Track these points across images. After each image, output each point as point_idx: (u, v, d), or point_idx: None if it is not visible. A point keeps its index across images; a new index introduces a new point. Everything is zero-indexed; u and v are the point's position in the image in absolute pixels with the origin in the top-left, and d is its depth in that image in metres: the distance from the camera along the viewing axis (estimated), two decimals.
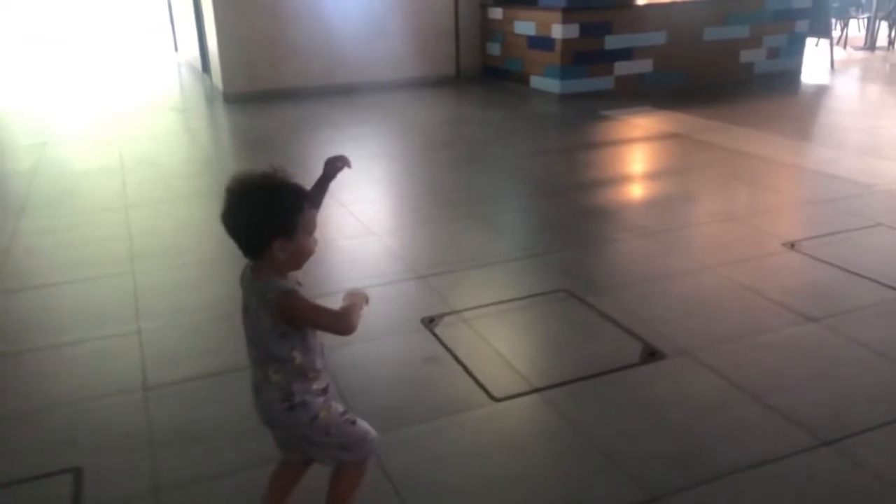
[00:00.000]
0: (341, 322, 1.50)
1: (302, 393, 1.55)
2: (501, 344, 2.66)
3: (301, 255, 1.52)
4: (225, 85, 7.75)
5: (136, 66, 10.85)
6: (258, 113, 7.05)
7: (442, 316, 2.86)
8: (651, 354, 2.54)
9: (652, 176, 5.01)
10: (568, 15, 7.14)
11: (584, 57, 7.32)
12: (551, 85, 7.47)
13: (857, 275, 3.11)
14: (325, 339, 1.62)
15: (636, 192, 4.67)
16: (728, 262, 3.31)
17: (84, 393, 2.41)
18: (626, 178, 4.93)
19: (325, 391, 1.61)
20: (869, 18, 10.23)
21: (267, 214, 1.46)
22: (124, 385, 2.45)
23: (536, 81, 7.73)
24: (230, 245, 1.52)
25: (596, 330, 2.75)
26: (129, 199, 4.46)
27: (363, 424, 1.67)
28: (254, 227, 1.47)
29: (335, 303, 1.56)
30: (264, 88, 7.73)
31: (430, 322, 2.81)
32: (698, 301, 2.96)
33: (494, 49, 8.43)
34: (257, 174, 1.49)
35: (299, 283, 1.57)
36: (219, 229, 1.51)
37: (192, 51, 10.07)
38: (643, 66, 7.58)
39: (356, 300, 1.56)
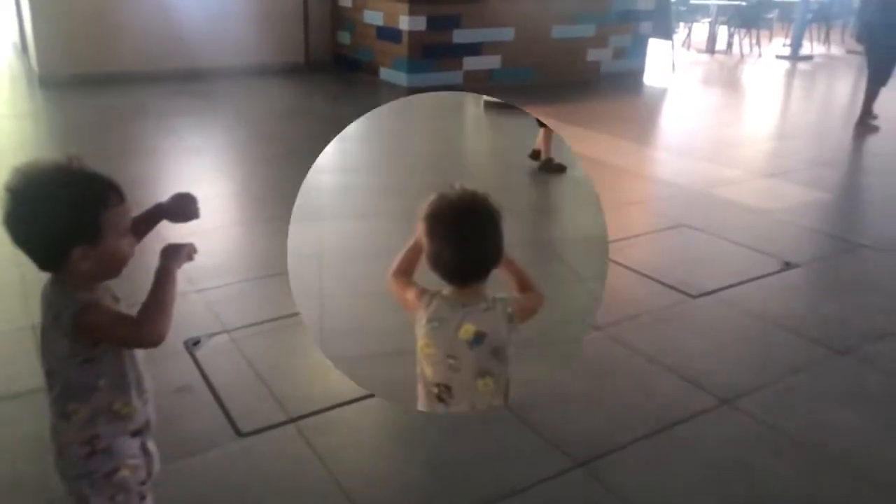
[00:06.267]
0: (141, 329, 1.20)
1: (109, 437, 1.26)
2: (268, 367, 2.43)
3: (113, 261, 1.23)
4: (41, 67, 6.98)
5: None
6: (76, 100, 6.39)
7: (209, 336, 2.59)
8: None
9: None
10: (415, 7, 6.97)
11: (432, 50, 7.19)
12: (399, 78, 7.29)
13: (648, 277, 3.12)
14: None
15: None
16: None
17: None
18: None
19: (140, 433, 1.32)
20: (710, 23, 10.79)
21: (61, 217, 1.17)
22: None
23: (385, 73, 7.53)
24: None
25: None
26: None
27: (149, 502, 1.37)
28: (46, 233, 1.18)
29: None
30: (88, 72, 7.01)
31: (193, 344, 2.53)
32: None
33: (345, 38, 8.14)
34: (47, 166, 1.21)
35: (116, 298, 1.28)
36: None
37: (14, 28, 9.06)
38: (492, 61, 7.55)
39: (170, 266, 1.25)
